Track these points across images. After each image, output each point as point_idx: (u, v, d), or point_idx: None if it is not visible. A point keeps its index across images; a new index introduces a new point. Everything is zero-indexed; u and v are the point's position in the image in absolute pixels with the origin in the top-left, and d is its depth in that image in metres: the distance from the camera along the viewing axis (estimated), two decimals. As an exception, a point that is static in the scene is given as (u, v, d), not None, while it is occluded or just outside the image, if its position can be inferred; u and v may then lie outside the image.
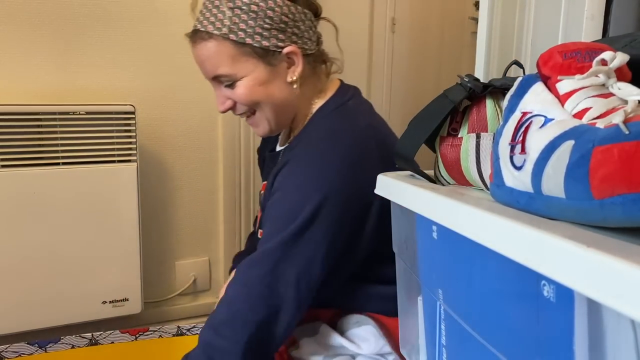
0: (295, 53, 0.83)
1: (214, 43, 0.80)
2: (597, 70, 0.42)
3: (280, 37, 0.81)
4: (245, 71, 0.82)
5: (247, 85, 0.82)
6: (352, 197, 0.79)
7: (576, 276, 0.33)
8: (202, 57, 0.83)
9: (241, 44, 0.80)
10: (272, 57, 0.82)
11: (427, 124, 0.61)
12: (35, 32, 1.33)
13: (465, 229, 0.47)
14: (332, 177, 0.78)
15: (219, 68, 0.82)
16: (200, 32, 0.81)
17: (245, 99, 0.83)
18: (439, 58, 2.60)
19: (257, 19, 0.79)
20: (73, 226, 1.29)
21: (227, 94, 0.85)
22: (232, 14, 0.79)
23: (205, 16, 0.81)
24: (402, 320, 0.77)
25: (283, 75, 0.84)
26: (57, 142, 1.26)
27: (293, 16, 0.82)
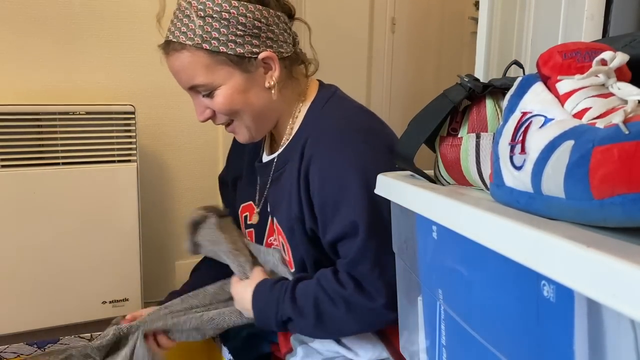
0: (272, 58, 0.82)
1: (187, 53, 0.79)
2: (597, 70, 0.42)
3: (255, 42, 0.80)
4: (221, 80, 0.81)
5: (225, 94, 0.81)
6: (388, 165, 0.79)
7: (576, 276, 0.33)
8: (176, 68, 0.81)
9: (215, 52, 0.79)
10: (248, 63, 0.81)
11: (427, 124, 0.61)
12: (36, 32, 1.33)
13: (465, 229, 0.47)
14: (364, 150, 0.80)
15: (195, 78, 0.80)
16: (173, 42, 0.80)
17: (225, 108, 0.82)
18: (439, 58, 2.60)
19: (230, 26, 0.78)
20: (73, 226, 1.29)
21: (206, 103, 0.84)
22: (203, 23, 0.78)
23: (176, 26, 0.80)
24: (402, 320, 0.77)
25: (260, 81, 0.83)
26: (57, 142, 1.26)
27: (266, 20, 0.81)
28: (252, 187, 0.97)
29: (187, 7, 0.79)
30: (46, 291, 1.28)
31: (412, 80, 2.59)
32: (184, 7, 0.79)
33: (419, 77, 2.60)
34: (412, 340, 0.73)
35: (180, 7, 0.80)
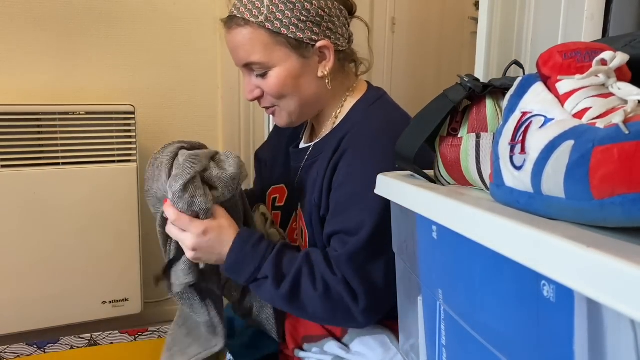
0: (328, 48, 0.84)
1: (249, 30, 0.81)
2: (597, 70, 0.42)
3: (315, 30, 0.82)
4: (277, 61, 0.82)
5: (279, 75, 0.82)
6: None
7: (576, 276, 0.33)
8: (235, 43, 0.83)
9: (276, 33, 0.80)
10: (305, 49, 0.82)
11: (427, 124, 0.61)
12: (36, 32, 1.33)
13: (465, 229, 0.47)
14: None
15: (252, 55, 0.82)
16: (237, 18, 0.81)
17: (275, 89, 0.83)
18: (439, 58, 2.60)
19: (294, 10, 0.80)
20: (73, 226, 1.29)
21: (257, 82, 0.85)
22: (269, 3, 0.79)
23: (242, 2, 0.82)
24: (402, 320, 0.77)
25: (314, 69, 0.85)
26: (57, 142, 1.26)
27: (329, 11, 0.83)
28: (285, 170, 0.99)
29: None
30: (46, 291, 1.28)
31: (412, 81, 2.59)
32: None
33: (419, 77, 2.60)
34: (412, 341, 0.73)
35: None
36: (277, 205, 0.99)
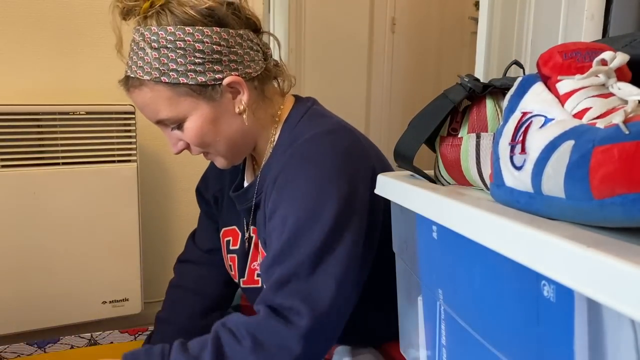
0: (238, 82, 0.76)
1: (147, 89, 0.75)
2: (597, 70, 0.43)
3: (217, 68, 0.75)
4: (187, 111, 0.76)
5: (194, 125, 0.77)
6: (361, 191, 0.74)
7: (576, 276, 0.33)
8: (139, 104, 0.78)
9: (175, 84, 0.74)
10: (213, 91, 0.76)
11: (427, 124, 0.61)
12: (36, 32, 1.33)
13: (465, 229, 0.47)
14: (335, 173, 0.73)
15: (159, 113, 0.76)
16: (131, 78, 0.76)
17: (196, 140, 0.78)
18: (439, 58, 2.60)
19: (187, 55, 0.73)
20: (73, 226, 1.29)
21: (178, 135, 0.80)
22: (158, 55, 0.73)
23: (132, 60, 0.76)
24: (402, 320, 0.77)
25: (229, 107, 0.78)
26: (57, 142, 1.26)
27: (227, 42, 0.75)
28: (234, 211, 0.92)
29: (140, 40, 0.74)
30: (46, 291, 1.28)
31: (412, 80, 2.59)
32: (138, 40, 0.75)
33: (419, 77, 2.60)
34: (412, 340, 0.73)
35: (134, 40, 0.76)
36: (232, 248, 0.94)
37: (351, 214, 0.72)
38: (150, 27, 0.73)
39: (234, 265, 0.94)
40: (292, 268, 0.69)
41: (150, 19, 0.74)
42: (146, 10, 0.74)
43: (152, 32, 0.73)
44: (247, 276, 0.91)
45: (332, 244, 0.70)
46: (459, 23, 2.59)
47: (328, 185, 0.72)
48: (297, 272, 0.69)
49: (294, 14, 2.17)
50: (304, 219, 0.71)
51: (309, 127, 0.80)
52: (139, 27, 0.75)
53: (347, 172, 0.73)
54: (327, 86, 2.25)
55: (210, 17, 0.74)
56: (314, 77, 2.21)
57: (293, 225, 0.71)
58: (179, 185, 1.54)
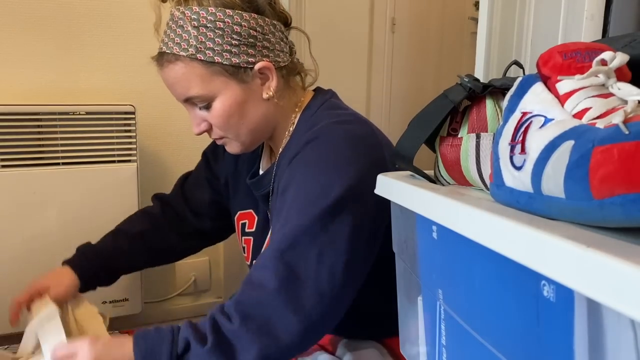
0: (269, 68, 0.79)
1: (181, 65, 0.77)
2: (597, 71, 0.43)
3: (251, 52, 0.78)
4: (217, 90, 0.78)
5: (222, 105, 0.79)
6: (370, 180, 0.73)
7: (576, 276, 0.33)
8: (171, 79, 0.79)
9: (210, 63, 0.76)
10: (244, 74, 0.78)
11: (427, 124, 0.61)
12: (36, 32, 1.33)
13: (465, 229, 0.47)
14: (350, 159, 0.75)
15: (190, 90, 0.78)
16: (167, 54, 0.78)
17: (222, 120, 0.80)
18: (439, 58, 2.60)
19: (225, 36, 0.76)
20: (73, 226, 1.29)
21: (203, 115, 0.81)
22: (197, 33, 0.75)
23: (169, 37, 0.78)
24: (402, 320, 0.77)
25: (258, 92, 0.81)
26: (57, 142, 1.26)
27: (262, 29, 0.78)
28: (252, 195, 0.94)
29: (180, 17, 0.77)
30: (46, 291, 1.27)
31: (412, 80, 2.59)
32: (178, 17, 0.77)
33: (419, 77, 2.60)
34: (412, 340, 0.73)
35: (173, 18, 0.78)
36: (248, 230, 0.96)
37: (355, 201, 0.73)
38: (191, 7, 0.76)
39: (247, 248, 0.96)
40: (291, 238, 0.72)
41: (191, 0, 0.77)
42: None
43: (193, 11, 0.76)
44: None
45: (329, 225, 0.72)
46: (459, 23, 2.59)
47: (336, 172, 0.74)
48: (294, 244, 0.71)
49: (294, 14, 2.17)
50: (308, 200, 0.73)
51: (326, 116, 0.83)
52: (179, 7, 0.77)
53: (358, 161, 0.76)
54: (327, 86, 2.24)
55: (249, 4, 0.78)
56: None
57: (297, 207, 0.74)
58: (179, 185, 1.54)
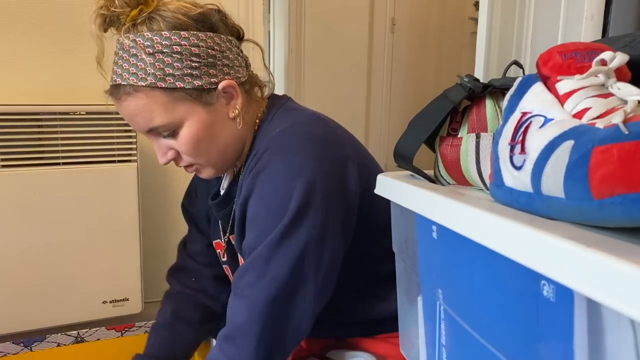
0: (232, 86, 0.77)
1: (141, 95, 0.73)
2: (596, 71, 0.43)
3: (212, 72, 0.75)
4: (183, 117, 0.75)
5: (189, 131, 0.76)
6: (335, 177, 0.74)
7: (576, 276, 0.33)
8: (131, 112, 0.76)
9: (172, 89, 0.73)
10: (208, 95, 0.75)
11: (427, 124, 0.61)
12: (36, 33, 1.33)
13: (465, 229, 0.47)
14: (309, 161, 0.73)
15: (154, 120, 0.75)
16: (123, 86, 0.74)
17: (191, 146, 0.77)
18: (439, 58, 2.60)
19: (183, 60, 0.72)
20: (73, 226, 1.29)
21: (169, 144, 0.78)
22: (154, 60, 0.72)
23: (123, 68, 0.74)
24: (402, 320, 0.77)
25: (223, 112, 0.78)
26: (57, 142, 1.26)
27: (219, 47, 0.75)
28: (215, 222, 0.92)
29: (132, 46, 0.73)
30: (46, 291, 1.28)
31: (412, 80, 2.59)
32: (129, 46, 0.73)
33: (419, 77, 2.60)
34: (412, 340, 0.73)
35: (124, 47, 0.74)
36: (223, 260, 0.95)
37: (316, 206, 0.72)
38: (142, 33, 0.73)
39: (229, 275, 0.95)
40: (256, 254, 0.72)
41: (140, 25, 0.73)
42: (134, 18, 0.73)
43: (146, 37, 0.72)
44: None
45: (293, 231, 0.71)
46: (458, 23, 2.59)
47: (292, 179, 0.72)
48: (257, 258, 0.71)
49: (294, 14, 2.17)
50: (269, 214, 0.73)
51: (282, 121, 0.80)
52: (129, 34, 0.74)
53: (315, 163, 0.73)
54: (327, 86, 2.25)
55: (202, 23, 0.75)
56: (314, 77, 2.21)
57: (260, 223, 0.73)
58: (179, 185, 1.54)
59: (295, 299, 0.71)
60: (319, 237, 0.72)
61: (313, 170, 0.72)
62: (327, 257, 0.73)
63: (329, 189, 0.73)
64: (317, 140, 0.76)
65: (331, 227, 0.74)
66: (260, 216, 0.74)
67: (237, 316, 0.72)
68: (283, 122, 0.79)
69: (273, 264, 0.71)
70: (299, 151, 0.74)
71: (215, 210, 0.89)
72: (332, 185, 0.73)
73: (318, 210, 0.72)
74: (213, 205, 0.89)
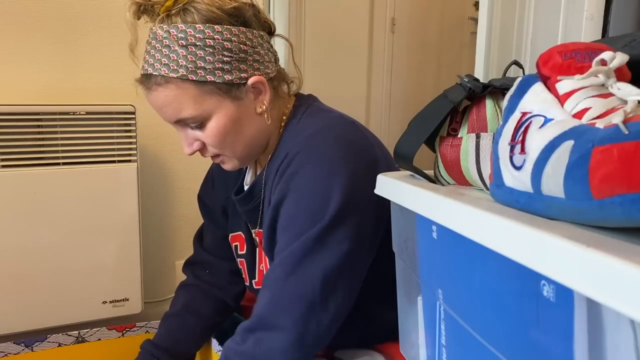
0: (261, 82, 0.77)
1: (172, 87, 0.73)
2: (596, 71, 0.43)
3: (242, 67, 0.75)
4: (211, 110, 0.75)
5: (217, 125, 0.76)
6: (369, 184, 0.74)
7: (576, 276, 0.33)
8: (160, 102, 0.76)
9: (203, 82, 0.73)
10: (238, 90, 0.76)
11: (427, 124, 0.61)
12: (36, 32, 1.33)
13: (465, 229, 0.47)
14: (344, 165, 0.74)
15: (182, 111, 0.75)
16: (154, 76, 0.74)
17: (217, 139, 0.77)
18: (439, 58, 2.60)
19: (215, 54, 0.72)
20: (73, 226, 1.29)
21: (195, 135, 0.79)
22: (187, 52, 0.72)
23: (155, 58, 0.74)
24: (402, 320, 0.77)
25: (252, 107, 0.78)
26: (57, 142, 1.26)
27: (251, 42, 0.76)
28: (239, 216, 0.92)
29: (165, 37, 0.73)
30: (46, 291, 1.28)
31: (412, 80, 2.59)
32: (162, 37, 0.73)
33: (419, 77, 2.60)
34: (412, 340, 0.73)
35: (157, 37, 0.74)
36: (240, 253, 0.95)
37: (353, 209, 0.73)
38: (176, 25, 0.73)
39: (244, 269, 0.95)
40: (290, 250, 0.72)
41: (174, 16, 0.74)
42: (169, 8, 0.74)
43: (180, 29, 0.72)
44: (258, 277, 0.92)
45: (329, 241, 0.71)
46: (459, 23, 2.59)
47: (330, 182, 0.73)
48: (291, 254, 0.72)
49: (294, 14, 2.17)
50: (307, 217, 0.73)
51: (311, 122, 0.81)
52: (162, 25, 0.74)
53: (350, 167, 0.74)
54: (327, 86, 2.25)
55: (236, 17, 0.75)
56: (314, 77, 2.21)
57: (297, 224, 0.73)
58: (179, 185, 1.54)
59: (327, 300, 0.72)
60: (355, 242, 0.73)
61: (348, 173, 0.73)
62: (359, 263, 0.75)
63: (363, 193, 0.73)
64: (350, 143, 0.77)
65: (366, 231, 0.75)
66: (297, 217, 0.74)
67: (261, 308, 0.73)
68: (313, 124, 0.80)
69: (307, 263, 0.71)
70: (333, 155, 0.74)
71: (240, 206, 0.89)
72: (366, 188, 0.73)
73: (355, 214, 0.73)
74: (237, 200, 0.89)
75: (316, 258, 0.71)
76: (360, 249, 0.74)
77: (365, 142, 0.80)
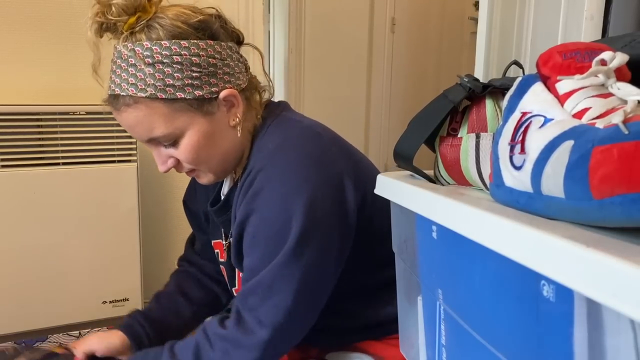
0: (233, 95, 0.76)
1: (141, 106, 0.71)
2: (596, 70, 0.43)
3: (213, 81, 0.73)
4: (183, 127, 0.73)
5: (190, 141, 0.74)
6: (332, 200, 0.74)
7: (576, 276, 0.33)
8: (131, 122, 0.74)
9: (172, 100, 0.71)
10: (209, 105, 0.74)
11: (427, 124, 0.61)
12: (36, 32, 1.33)
13: (465, 229, 0.47)
14: (305, 183, 0.73)
15: (154, 130, 0.73)
16: (122, 97, 0.72)
17: (191, 156, 0.76)
18: (439, 58, 2.60)
19: (184, 70, 0.70)
20: (73, 226, 1.29)
21: (169, 152, 0.77)
22: (154, 71, 0.70)
23: (122, 78, 0.72)
24: (402, 320, 0.77)
25: (224, 120, 0.77)
26: (57, 142, 1.26)
27: (220, 55, 0.74)
28: (217, 224, 0.92)
29: (130, 55, 0.71)
30: (46, 291, 1.28)
31: (412, 80, 2.59)
32: (127, 56, 0.71)
33: (419, 77, 2.60)
34: (412, 340, 0.73)
35: (122, 56, 0.72)
36: (220, 260, 0.94)
37: (316, 229, 0.72)
38: (141, 42, 0.71)
39: (225, 276, 0.95)
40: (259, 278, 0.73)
41: (139, 33, 0.71)
42: (132, 26, 0.71)
43: (145, 47, 0.70)
44: (238, 284, 0.91)
45: (297, 257, 0.72)
46: (458, 23, 2.59)
47: (291, 204, 0.72)
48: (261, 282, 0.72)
49: (294, 14, 2.17)
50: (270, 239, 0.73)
51: (275, 136, 0.79)
52: (127, 43, 0.72)
53: (311, 185, 0.73)
54: (327, 86, 2.25)
55: (202, 31, 0.73)
56: (314, 77, 2.21)
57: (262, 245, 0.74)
58: (179, 185, 1.54)
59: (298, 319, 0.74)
60: (321, 260, 0.73)
61: (309, 191, 0.72)
62: (326, 280, 0.75)
63: (327, 210, 0.73)
64: (311, 160, 0.75)
65: (332, 247, 0.75)
66: (261, 237, 0.74)
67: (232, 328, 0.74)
68: (275, 138, 0.78)
69: (277, 289, 0.72)
70: (294, 173, 0.73)
71: (215, 216, 0.89)
72: (329, 205, 0.74)
73: (319, 233, 0.72)
74: (212, 211, 0.89)
75: (284, 288, 0.72)
76: (327, 266, 0.75)
77: (328, 156, 0.78)
